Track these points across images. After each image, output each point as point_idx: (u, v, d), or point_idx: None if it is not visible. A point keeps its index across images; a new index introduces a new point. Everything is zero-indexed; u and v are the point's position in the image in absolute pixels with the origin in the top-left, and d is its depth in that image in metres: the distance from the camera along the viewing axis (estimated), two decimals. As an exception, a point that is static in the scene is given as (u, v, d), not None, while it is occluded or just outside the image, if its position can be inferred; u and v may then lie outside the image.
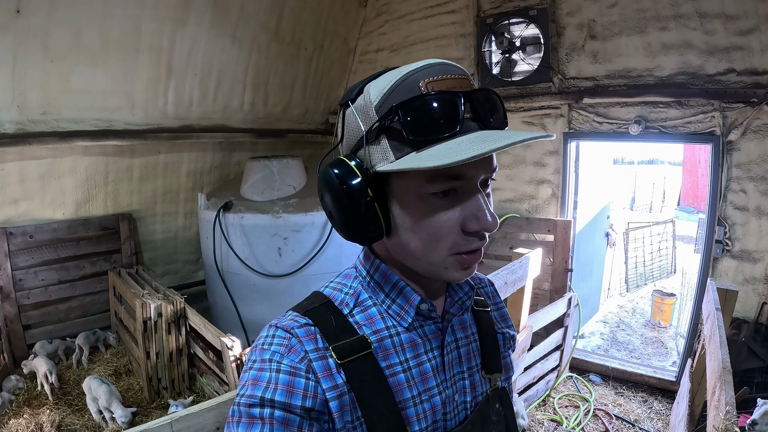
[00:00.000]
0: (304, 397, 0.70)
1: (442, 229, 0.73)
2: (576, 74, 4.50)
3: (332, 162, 0.77)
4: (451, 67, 0.74)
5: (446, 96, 0.69)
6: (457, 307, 0.89)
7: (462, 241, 0.74)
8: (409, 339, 0.82)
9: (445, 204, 0.72)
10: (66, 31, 3.86)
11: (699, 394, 2.80)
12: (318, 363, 0.74)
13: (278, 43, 5.42)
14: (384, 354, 0.79)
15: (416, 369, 0.81)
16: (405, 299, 0.82)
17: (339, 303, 0.83)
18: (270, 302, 4.49)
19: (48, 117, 4.11)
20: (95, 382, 3.62)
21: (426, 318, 0.85)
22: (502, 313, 1.08)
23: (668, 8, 3.91)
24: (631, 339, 5.87)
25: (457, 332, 0.90)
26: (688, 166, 14.67)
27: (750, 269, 3.83)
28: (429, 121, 0.68)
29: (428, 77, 0.71)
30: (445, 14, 5.26)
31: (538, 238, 4.84)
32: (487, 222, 0.72)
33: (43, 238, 4.49)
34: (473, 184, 0.72)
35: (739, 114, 3.71)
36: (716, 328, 2.14)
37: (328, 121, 6.63)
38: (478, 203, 0.72)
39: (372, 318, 0.82)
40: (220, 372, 3.59)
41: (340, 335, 0.78)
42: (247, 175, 4.73)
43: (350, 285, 0.87)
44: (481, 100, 0.71)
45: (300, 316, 0.79)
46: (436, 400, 0.82)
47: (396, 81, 0.73)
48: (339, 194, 0.74)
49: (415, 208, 0.74)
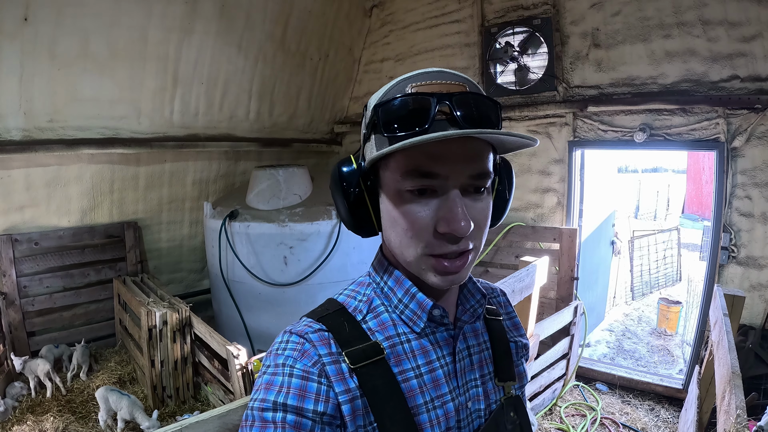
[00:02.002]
0: (316, 401, 0.71)
1: (415, 227, 0.74)
2: (580, 83, 4.52)
3: (341, 159, 0.84)
4: (444, 74, 0.77)
5: (420, 96, 0.72)
6: (469, 314, 0.90)
7: (435, 243, 0.74)
8: (421, 345, 0.83)
9: (420, 202, 0.74)
10: (73, 40, 3.90)
11: (707, 401, 2.78)
12: (331, 367, 0.75)
13: (284, 53, 5.46)
14: (396, 360, 0.80)
15: (428, 375, 0.81)
16: (418, 304, 0.83)
17: (353, 310, 0.84)
18: (275, 311, 4.48)
19: (54, 124, 4.14)
20: (114, 395, 3.56)
21: (438, 324, 0.85)
22: (515, 322, 1.08)
23: (671, 16, 3.93)
24: (637, 347, 5.84)
25: (469, 340, 0.90)
26: (692, 173, 14.67)
27: (756, 275, 3.82)
28: (399, 117, 0.72)
29: (417, 82, 0.75)
30: (450, 24, 5.30)
31: (544, 247, 4.83)
32: (457, 225, 0.70)
33: (49, 245, 4.50)
34: (450, 185, 0.72)
35: (743, 120, 3.72)
36: (724, 333, 2.13)
37: (333, 131, 6.66)
38: (450, 205, 0.72)
39: (384, 324, 0.83)
40: (225, 381, 3.57)
41: (353, 341, 0.78)
42: (252, 183, 4.74)
43: (363, 292, 0.88)
44: (461, 103, 0.72)
45: (314, 322, 0.81)
46: (449, 407, 0.82)
47: (390, 86, 0.78)
48: (338, 185, 0.82)
49: (393, 203, 0.76)
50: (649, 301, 7.69)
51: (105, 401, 3.57)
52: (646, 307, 7.41)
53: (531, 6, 4.64)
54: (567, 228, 4.66)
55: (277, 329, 3.80)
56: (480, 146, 0.74)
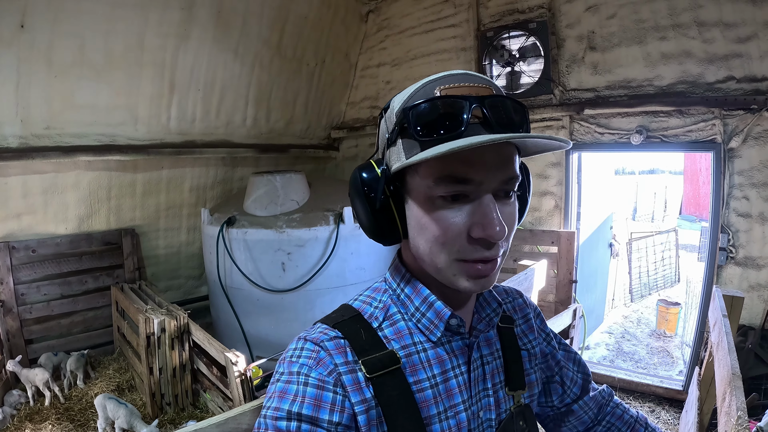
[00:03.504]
0: (332, 411, 0.70)
1: (448, 234, 0.72)
2: (577, 86, 4.52)
3: (361, 164, 0.81)
4: (471, 76, 0.75)
5: (452, 99, 0.70)
6: (485, 323, 0.89)
7: (468, 248, 0.73)
8: (437, 355, 0.82)
9: (453, 208, 0.72)
10: (70, 46, 3.90)
11: (708, 402, 2.77)
12: (348, 377, 0.74)
13: (280, 59, 5.47)
14: (412, 369, 0.79)
15: (443, 385, 0.81)
16: (435, 313, 0.82)
17: (368, 316, 0.83)
18: (274, 317, 4.44)
19: (51, 131, 4.13)
20: (111, 403, 3.52)
21: (454, 333, 0.85)
22: (531, 324, 1.06)
23: (667, 18, 3.94)
24: (636, 349, 5.82)
25: (483, 349, 0.90)
26: (689, 174, 14.68)
27: (755, 276, 3.82)
28: (433, 121, 0.70)
29: (445, 84, 0.73)
30: (446, 28, 5.31)
31: (542, 250, 4.82)
32: (493, 230, 0.69)
33: (46, 252, 4.49)
34: (483, 190, 0.71)
35: (740, 121, 3.72)
36: (724, 334, 2.12)
37: (330, 136, 6.67)
38: (484, 210, 0.70)
39: (401, 333, 0.82)
40: (224, 388, 3.55)
41: (370, 349, 0.78)
42: (250, 190, 4.72)
43: (380, 299, 0.87)
44: (492, 106, 0.71)
45: (329, 329, 0.80)
46: (461, 417, 0.81)
47: (415, 89, 0.75)
48: (360, 192, 0.78)
49: (424, 209, 0.74)
50: (648, 302, 7.67)
51: (103, 409, 3.54)
52: (645, 309, 7.39)
53: (527, 10, 4.65)
54: (565, 231, 4.65)
55: (276, 336, 3.80)
56: (510, 150, 0.73)
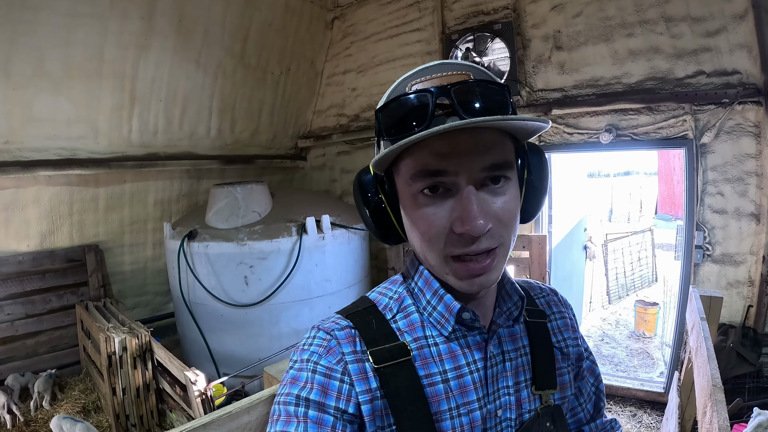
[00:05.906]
0: (338, 399, 0.72)
1: (432, 230, 0.72)
2: (544, 86, 4.46)
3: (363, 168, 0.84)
4: (446, 65, 0.75)
5: (419, 93, 0.70)
6: (505, 317, 0.86)
7: (455, 244, 0.71)
8: (450, 349, 0.81)
9: (434, 202, 0.71)
10: (28, 58, 3.77)
11: (689, 408, 2.68)
12: (354, 366, 0.75)
13: (244, 68, 5.35)
14: (423, 362, 0.79)
15: (455, 381, 0.79)
16: (445, 306, 0.80)
17: (383, 308, 0.84)
18: (239, 333, 4.30)
19: (10, 146, 4.00)
20: (67, 423, 3.38)
21: (470, 328, 0.82)
22: (567, 323, 1.00)
23: (633, 14, 3.89)
24: (615, 352, 5.77)
25: (505, 344, 0.86)
26: (663, 174, 14.91)
27: (733, 273, 3.76)
28: (400, 119, 0.70)
29: (418, 78, 0.74)
30: (411, 33, 5.23)
31: (513, 255, 4.72)
32: (471, 224, 0.67)
33: (8, 270, 4.33)
34: (461, 181, 0.69)
35: (711, 116, 3.67)
36: (702, 339, 2.02)
37: (297, 146, 6.54)
38: (462, 202, 0.69)
39: (414, 325, 0.82)
40: (187, 407, 3.39)
41: (380, 339, 0.79)
42: (211, 202, 4.57)
43: (396, 290, 0.88)
44: (460, 93, 0.69)
45: (342, 318, 0.82)
46: (475, 415, 0.79)
47: (392, 88, 0.78)
48: (358, 195, 0.83)
49: (410, 207, 0.75)
50: (625, 304, 7.68)
51: (60, 430, 3.39)
52: (624, 311, 7.38)
53: (491, 11, 4.59)
54: (536, 235, 4.54)
55: (242, 351, 3.66)
56: (491, 136, 0.70)
